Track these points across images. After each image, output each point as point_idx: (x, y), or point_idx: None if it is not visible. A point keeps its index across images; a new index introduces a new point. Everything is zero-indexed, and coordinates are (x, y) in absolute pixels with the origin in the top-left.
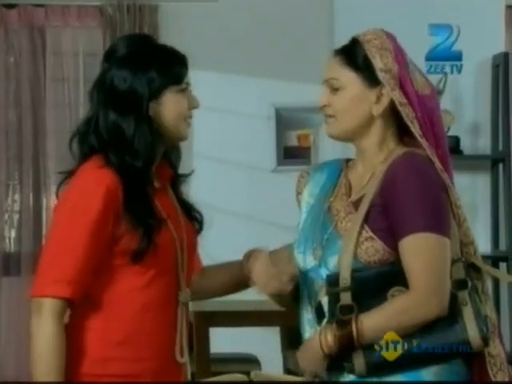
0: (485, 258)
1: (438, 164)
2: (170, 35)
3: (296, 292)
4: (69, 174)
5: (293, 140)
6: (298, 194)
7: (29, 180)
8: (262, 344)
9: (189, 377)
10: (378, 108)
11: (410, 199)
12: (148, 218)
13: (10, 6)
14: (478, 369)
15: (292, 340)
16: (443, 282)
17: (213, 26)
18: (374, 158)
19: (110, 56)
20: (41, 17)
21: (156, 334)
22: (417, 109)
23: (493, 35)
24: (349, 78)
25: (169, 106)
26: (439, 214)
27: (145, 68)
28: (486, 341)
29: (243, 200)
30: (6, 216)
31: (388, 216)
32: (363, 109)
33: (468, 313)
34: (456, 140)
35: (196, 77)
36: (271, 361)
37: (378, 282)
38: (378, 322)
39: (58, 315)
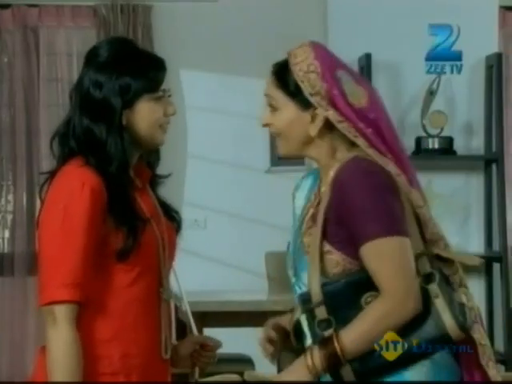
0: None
1: (392, 168)
2: (164, 35)
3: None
4: (50, 175)
5: None
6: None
7: (22, 180)
8: (255, 344)
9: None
10: (314, 129)
11: (360, 205)
12: (132, 218)
13: (4, 6)
14: (467, 361)
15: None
16: (412, 280)
17: (206, 27)
18: (330, 166)
19: (89, 59)
20: (34, 17)
21: (141, 330)
22: (356, 122)
23: (487, 36)
24: (283, 101)
25: (142, 114)
26: (392, 215)
27: (120, 76)
28: (463, 329)
29: (237, 201)
30: (0, 216)
31: (343, 225)
32: (300, 130)
33: (441, 304)
34: (449, 140)
35: (190, 77)
36: (265, 361)
37: (350, 292)
38: (359, 334)
39: (72, 320)
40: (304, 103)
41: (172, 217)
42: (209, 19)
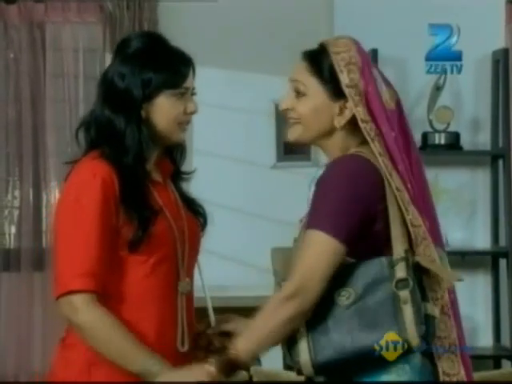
0: (485, 253)
1: (396, 180)
2: (170, 32)
3: None
4: (73, 166)
5: None
6: None
7: (29, 176)
8: None
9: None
10: (340, 120)
11: (319, 197)
12: (143, 210)
13: (10, 2)
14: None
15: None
16: (312, 281)
17: (212, 22)
18: None
19: (118, 50)
20: (41, 12)
21: (156, 322)
22: (383, 125)
23: (493, 31)
24: (314, 87)
25: (161, 109)
26: (338, 217)
27: (143, 69)
28: (425, 339)
29: (243, 196)
30: (6, 212)
31: None
32: (325, 119)
33: (408, 312)
34: (456, 136)
35: (196, 73)
36: (271, 357)
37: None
38: (253, 337)
39: (92, 304)
40: (336, 93)
41: (197, 212)
42: (215, 15)
